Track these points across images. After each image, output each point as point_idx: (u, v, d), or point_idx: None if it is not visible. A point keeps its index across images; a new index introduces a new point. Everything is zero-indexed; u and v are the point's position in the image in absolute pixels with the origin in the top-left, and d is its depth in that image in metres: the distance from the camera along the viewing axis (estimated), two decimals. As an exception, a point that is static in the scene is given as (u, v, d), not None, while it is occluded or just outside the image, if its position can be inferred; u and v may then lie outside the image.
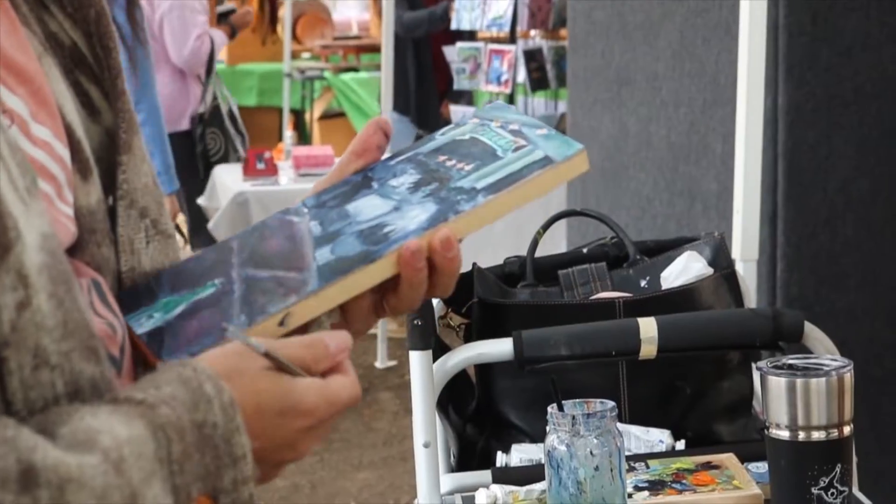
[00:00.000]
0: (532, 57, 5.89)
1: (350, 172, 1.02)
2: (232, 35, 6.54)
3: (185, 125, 5.75)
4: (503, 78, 5.91)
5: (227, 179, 5.47)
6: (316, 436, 0.86)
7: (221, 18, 6.52)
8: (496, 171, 0.95)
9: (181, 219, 5.47)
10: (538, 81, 5.91)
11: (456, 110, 6.21)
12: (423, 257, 0.92)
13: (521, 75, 5.94)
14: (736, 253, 2.43)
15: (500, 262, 2.17)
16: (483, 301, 1.96)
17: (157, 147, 4.56)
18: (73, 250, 0.84)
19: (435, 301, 2.00)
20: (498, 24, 5.98)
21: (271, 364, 0.84)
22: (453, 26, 6.16)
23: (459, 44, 6.19)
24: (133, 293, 0.90)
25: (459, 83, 6.21)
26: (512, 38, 6.10)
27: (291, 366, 0.85)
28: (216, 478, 0.80)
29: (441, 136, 1.02)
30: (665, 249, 2.12)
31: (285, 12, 8.12)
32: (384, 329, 5.58)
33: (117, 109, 0.91)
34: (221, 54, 7.62)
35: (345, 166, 1.02)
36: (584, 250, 2.17)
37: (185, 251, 5.34)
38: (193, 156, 5.74)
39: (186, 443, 0.78)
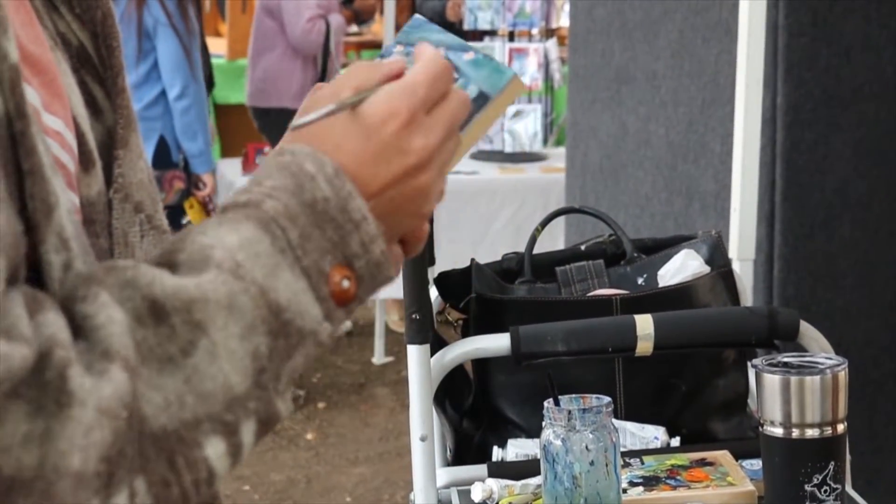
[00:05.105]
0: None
1: None
2: (357, 21, 6.46)
3: (290, 104, 5.78)
4: (533, 76, 5.87)
5: (227, 173, 5.49)
6: (419, 129, 0.86)
7: (346, 3, 6.47)
8: None
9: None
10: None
11: None
12: None
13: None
14: (733, 252, 2.44)
15: (499, 258, 2.18)
16: (481, 296, 1.97)
17: (200, 129, 4.74)
18: None
19: (433, 296, 2.01)
20: (528, 22, 5.94)
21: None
22: (467, 26, 6.11)
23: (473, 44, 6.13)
24: None
25: None
26: (510, 37, 6.09)
27: (357, 97, 0.86)
28: (344, 246, 0.82)
29: None
30: (662, 247, 2.12)
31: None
32: (382, 325, 5.59)
33: (117, 106, 0.93)
34: (221, 48, 7.61)
35: None
36: (582, 247, 2.18)
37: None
38: None
39: (301, 225, 0.80)
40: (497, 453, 1.88)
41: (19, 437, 0.68)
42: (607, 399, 1.56)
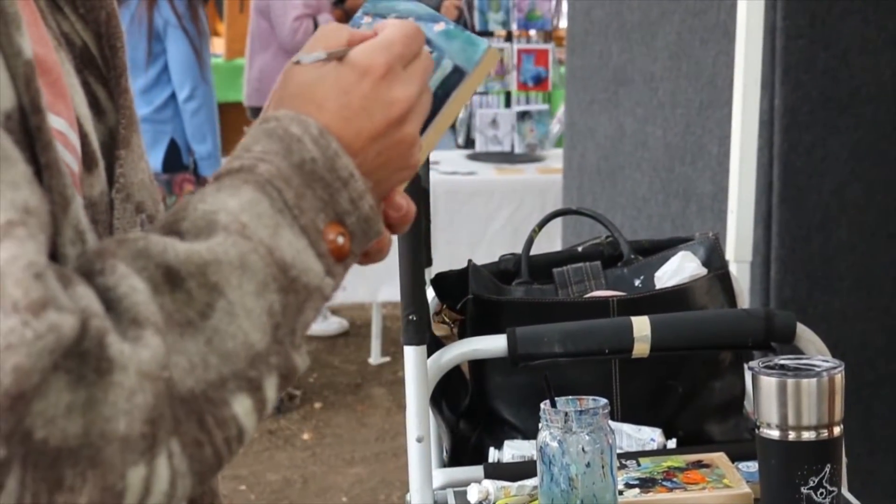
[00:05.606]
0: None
1: None
2: (348, 21, 6.46)
3: None
4: (542, 77, 5.86)
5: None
6: (397, 81, 0.89)
7: (337, 3, 6.46)
8: None
9: None
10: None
11: (485, 113, 6.09)
12: None
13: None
14: (730, 254, 2.44)
15: (496, 259, 2.18)
16: (478, 297, 1.97)
17: (209, 131, 4.71)
18: None
19: (430, 297, 2.01)
20: (539, 23, 5.93)
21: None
22: (478, 28, 6.09)
23: None
24: None
25: (485, 84, 6.09)
26: (508, 37, 6.08)
27: (343, 50, 0.88)
28: (334, 204, 0.84)
29: None
30: (660, 249, 2.12)
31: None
32: (378, 326, 5.59)
33: (119, 106, 0.93)
34: (218, 48, 7.61)
35: None
36: (579, 249, 2.18)
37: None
38: None
39: (295, 186, 0.83)
40: (493, 454, 1.88)
41: (62, 407, 0.69)
42: (604, 401, 1.56)
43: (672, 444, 1.87)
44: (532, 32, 6.08)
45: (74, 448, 0.70)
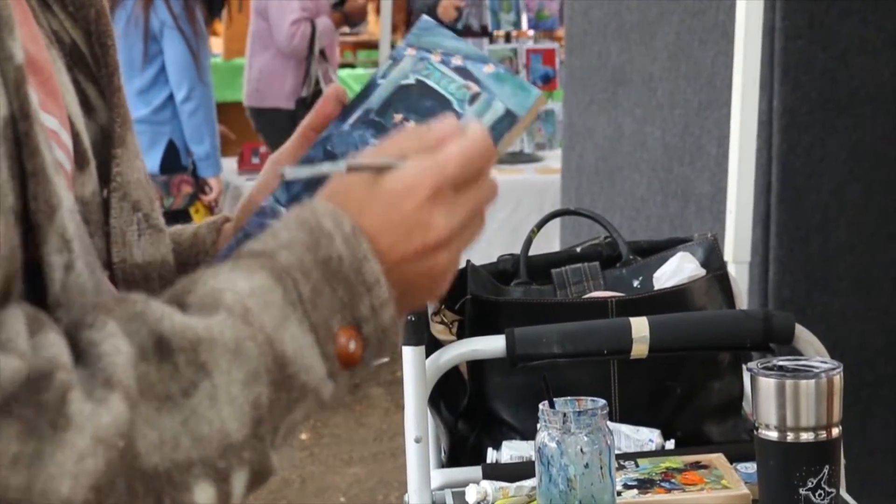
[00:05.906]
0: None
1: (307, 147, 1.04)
2: (347, 24, 6.47)
3: (284, 104, 5.76)
4: (550, 76, 5.87)
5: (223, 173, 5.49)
6: (442, 207, 0.83)
7: (336, 6, 6.45)
8: None
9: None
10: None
11: None
12: None
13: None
14: (728, 254, 2.44)
15: (494, 259, 2.18)
16: (476, 298, 1.97)
17: (207, 132, 4.71)
18: None
19: (428, 297, 2.00)
20: (549, 23, 5.94)
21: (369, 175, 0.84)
22: (491, 28, 6.09)
23: (489, 46, 6.10)
24: None
25: None
26: (507, 38, 6.08)
27: (381, 163, 0.84)
28: (353, 308, 0.80)
29: (383, 80, 1.00)
30: (658, 250, 2.12)
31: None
32: (376, 325, 5.59)
33: (113, 105, 0.93)
34: (217, 48, 7.61)
35: (303, 142, 1.04)
36: (578, 249, 2.18)
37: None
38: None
39: (314, 280, 0.79)
40: (491, 455, 1.88)
41: (9, 456, 0.67)
42: (602, 401, 1.56)
43: (670, 444, 1.87)
44: (530, 32, 6.09)
45: (13, 501, 0.67)
